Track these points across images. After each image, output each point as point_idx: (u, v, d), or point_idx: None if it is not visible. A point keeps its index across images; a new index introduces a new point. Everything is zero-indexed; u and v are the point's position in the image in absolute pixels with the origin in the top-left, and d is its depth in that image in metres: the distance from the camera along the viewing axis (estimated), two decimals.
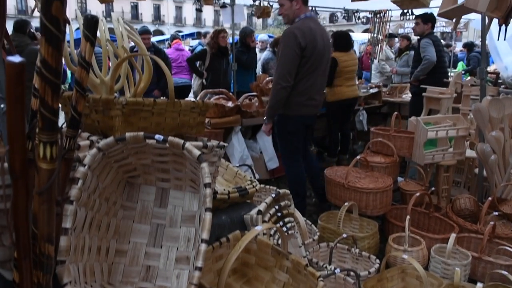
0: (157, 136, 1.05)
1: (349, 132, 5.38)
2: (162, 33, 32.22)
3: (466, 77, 8.75)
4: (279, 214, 1.75)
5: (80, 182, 0.97)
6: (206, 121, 3.63)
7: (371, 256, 2.35)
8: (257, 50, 6.89)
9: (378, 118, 6.23)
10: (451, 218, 2.86)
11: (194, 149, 1.04)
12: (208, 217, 0.95)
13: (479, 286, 1.88)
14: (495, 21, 2.70)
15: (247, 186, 1.67)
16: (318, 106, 3.36)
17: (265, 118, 3.22)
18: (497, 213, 2.80)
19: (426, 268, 2.41)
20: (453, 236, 2.34)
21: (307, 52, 2.99)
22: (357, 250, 2.42)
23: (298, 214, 2.14)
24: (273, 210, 1.71)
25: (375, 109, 6.18)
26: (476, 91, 3.94)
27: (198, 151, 1.03)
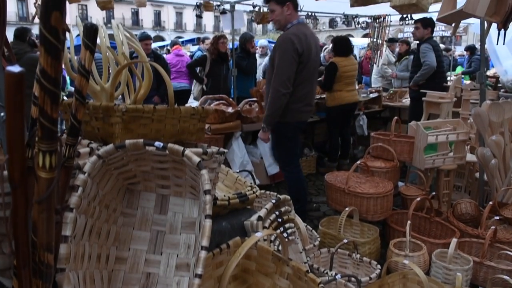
0: (156, 143, 1.05)
1: (349, 137, 5.39)
2: (162, 39, 32.32)
3: (466, 79, 8.78)
4: (280, 220, 1.74)
5: (80, 190, 0.97)
6: (206, 127, 3.64)
7: (372, 261, 2.34)
8: (257, 55, 6.92)
9: (378, 123, 6.24)
10: (452, 222, 2.86)
11: (194, 156, 1.04)
12: (208, 224, 0.95)
13: None
14: (494, 25, 2.71)
15: (248, 192, 1.67)
16: (313, 111, 3.39)
17: (263, 125, 3.14)
18: (498, 217, 2.79)
19: (428, 273, 2.40)
20: (454, 241, 2.34)
21: (304, 58, 2.99)
22: (358, 256, 2.41)
23: (298, 220, 2.14)
24: (273, 216, 1.70)
25: (375, 113, 6.19)
26: (476, 95, 3.95)
27: (197, 158, 1.03)
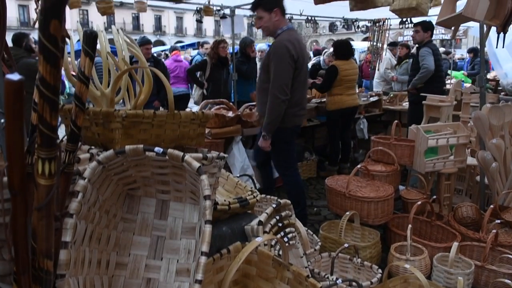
0: (156, 148, 1.06)
1: (349, 140, 5.39)
2: (163, 43, 32.40)
3: (467, 81, 8.78)
4: (280, 224, 1.74)
5: (80, 196, 0.97)
6: (206, 131, 3.64)
7: (373, 265, 2.33)
8: (257, 60, 6.93)
9: (379, 126, 6.24)
10: (453, 226, 2.85)
11: (194, 161, 1.04)
12: (207, 229, 0.95)
13: None
14: (494, 28, 2.72)
15: (248, 197, 1.67)
16: (306, 115, 3.45)
17: (264, 133, 3.08)
18: (499, 221, 2.78)
19: (429, 277, 2.39)
20: (455, 244, 2.33)
21: (299, 63, 3.02)
22: (359, 260, 2.40)
23: (299, 224, 2.13)
24: (274, 221, 1.70)
25: (376, 117, 6.19)
26: (476, 99, 3.95)
27: (197, 163, 1.03)
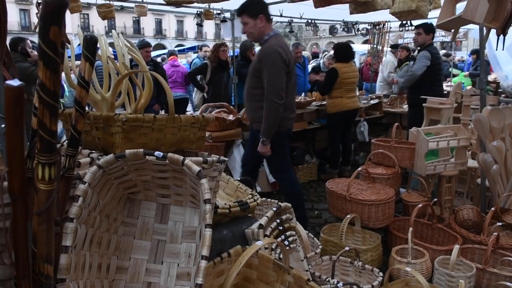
0: (156, 152, 1.06)
1: (350, 143, 5.39)
2: (164, 47, 32.42)
3: (467, 83, 8.77)
4: (281, 228, 1.74)
5: (80, 200, 0.97)
6: (207, 134, 3.65)
7: (374, 269, 2.33)
8: None
9: (379, 129, 6.23)
10: (454, 229, 2.84)
11: (194, 165, 1.04)
12: (208, 233, 0.95)
13: None
14: (494, 30, 2.72)
15: (248, 200, 1.67)
16: (295, 118, 3.49)
17: (263, 139, 3.05)
18: (500, 223, 2.77)
19: (430, 280, 2.38)
20: (456, 247, 2.32)
21: (290, 68, 3.07)
22: (360, 263, 2.40)
23: (300, 227, 2.13)
24: (274, 224, 1.70)
25: (376, 119, 6.20)
26: (476, 101, 3.95)
27: (197, 167, 1.04)
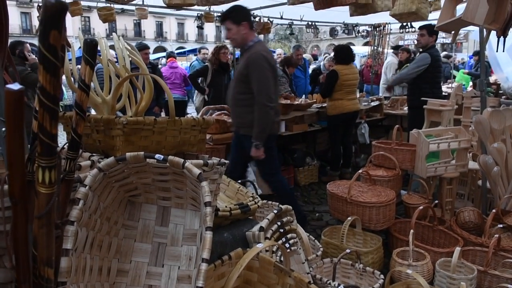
0: (157, 155, 1.06)
1: (351, 145, 5.38)
2: (164, 49, 32.47)
3: (467, 84, 8.77)
4: (282, 230, 1.74)
5: (81, 203, 0.97)
6: (208, 137, 3.65)
7: (375, 271, 2.32)
8: None
9: (380, 131, 6.23)
10: (456, 231, 2.84)
11: (194, 168, 1.04)
12: (208, 236, 0.95)
13: None
14: (494, 32, 2.72)
15: (249, 203, 1.67)
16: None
17: (257, 143, 3.06)
18: (501, 225, 2.77)
19: (431, 282, 2.38)
20: (457, 249, 2.32)
21: (275, 72, 3.15)
22: (361, 266, 2.39)
23: (301, 230, 2.13)
24: (275, 226, 1.70)
25: (377, 121, 6.19)
26: (477, 103, 3.94)
27: (198, 170, 1.04)
